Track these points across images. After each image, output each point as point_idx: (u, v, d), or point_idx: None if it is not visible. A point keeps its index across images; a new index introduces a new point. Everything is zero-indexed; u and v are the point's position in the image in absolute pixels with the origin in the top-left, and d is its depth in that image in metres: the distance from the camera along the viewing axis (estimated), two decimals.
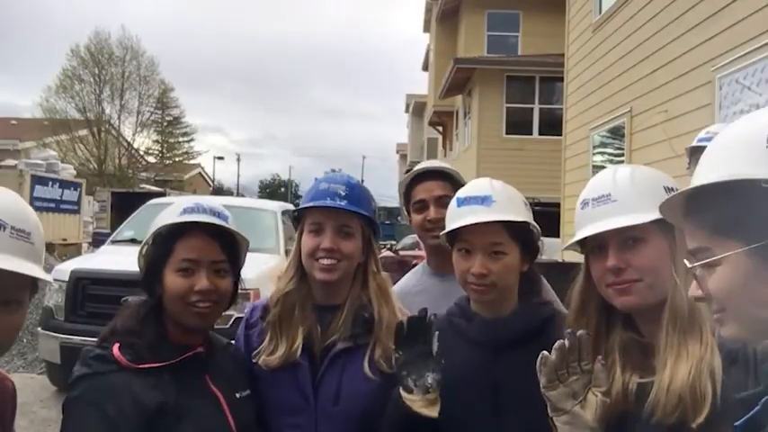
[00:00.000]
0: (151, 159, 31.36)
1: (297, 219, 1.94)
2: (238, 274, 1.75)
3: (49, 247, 13.26)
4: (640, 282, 1.36)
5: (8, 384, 1.47)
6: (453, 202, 1.79)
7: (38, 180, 16.39)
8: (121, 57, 28.08)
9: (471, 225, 1.68)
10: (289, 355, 1.76)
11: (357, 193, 1.87)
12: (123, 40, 28.03)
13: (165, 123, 31.65)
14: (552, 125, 15.24)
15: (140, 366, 1.55)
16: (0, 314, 1.26)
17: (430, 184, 2.34)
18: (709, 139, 3.24)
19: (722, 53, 6.10)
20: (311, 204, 1.84)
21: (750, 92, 5.66)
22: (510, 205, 1.71)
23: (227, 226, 1.66)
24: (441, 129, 24.71)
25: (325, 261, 1.80)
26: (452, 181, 2.33)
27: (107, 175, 26.30)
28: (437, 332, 1.62)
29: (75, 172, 19.61)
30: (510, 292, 1.75)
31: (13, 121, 26.46)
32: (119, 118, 28.31)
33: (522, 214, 1.72)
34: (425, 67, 29.83)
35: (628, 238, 1.37)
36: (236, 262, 1.72)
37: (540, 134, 16.84)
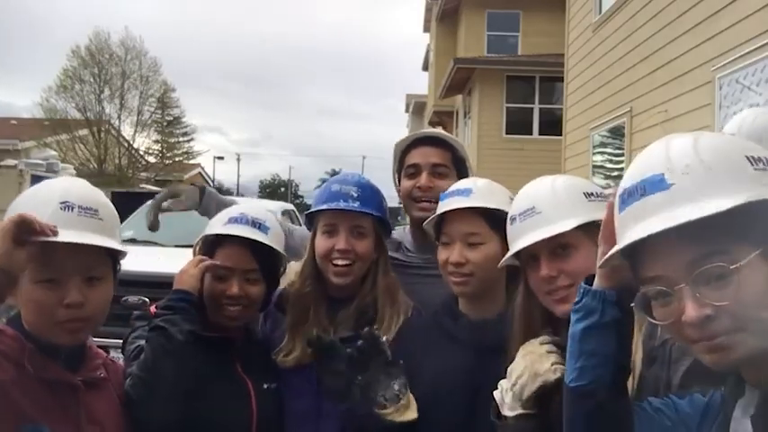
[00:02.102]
0: (151, 159, 31.31)
1: (309, 220, 2.00)
2: (274, 280, 1.90)
3: None
4: (574, 286, 1.37)
5: (119, 367, 1.65)
6: (441, 198, 1.82)
7: (38, 180, 16.30)
8: (122, 56, 28.09)
9: (450, 216, 1.72)
10: (302, 357, 1.83)
11: (369, 193, 1.93)
12: (125, 41, 28.05)
13: (166, 123, 31.64)
14: (552, 125, 15.24)
15: None
16: (88, 289, 1.42)
17: (427, 150, 2.18)
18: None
19: (722, 53, 6.10)
20: (325, 207, 1.88)
21: (750, 92, 5.66)
22: (489, 196, 1.73)
23: (260, 240, 1.80)
24: (441, 129, 24.69)
25: (340, 261, 1.87)
26: (453, 152, 2.20)
27: (107, 175, 26.26)
28: (384, 338, 1.66)
29: (75, 172, 19.58)
30: (494, 288, 1.74)
31: (13, 121, 26.42)
32: (119, 118, 28.31)
33: (503, 205, 1.70)
34: (425, 67, 29.82)
35: (557, 246, 1.42)
36: (270, 269, 1.86)
37: (540, 134, 16.84)
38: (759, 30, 5.56)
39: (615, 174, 8.74)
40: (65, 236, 1.36)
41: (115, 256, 1.54)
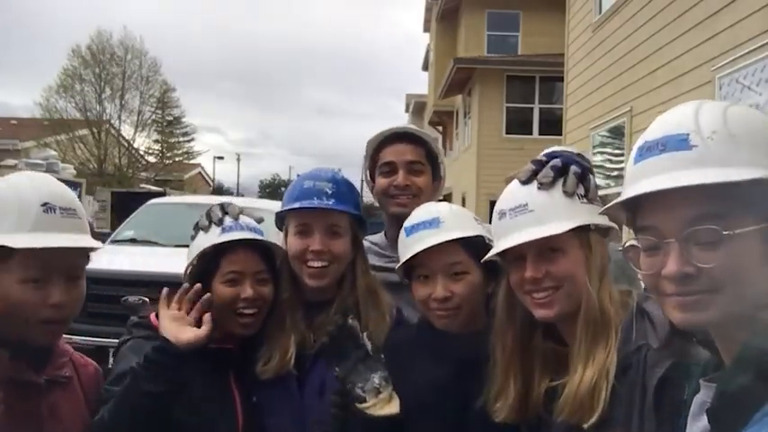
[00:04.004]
0: (151, 159, 31.29)
1: (281, 218, 1.89)
2: (278, 281, 1.83)
3: None
4: (560, 290, 1.38)
5: (91, 369, 1.66)
6: (402, 234, 1.72)
7: None
8: (123, 56, 28.11)
9: (426, 250, 1.62)
10: (282, 365, 1.74)
11: (344, 189, 1.83)
12: (125, 40, 28.08)
13: (166, 123, 31.63)
14: (552, 125, 15.23)
15: None
16: (70, 288, 1.45)
17: (401, 147, 2.12)
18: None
19: (722, 53, 6.10)
20: (297, 206, 1.78)
21: (750, 92, 5.66)
22: (459, 223, 1.67)
23: (264, 240, 1.77)
24: (441, 128, 24.70)
25: (316, 264, 1.77)
26: (426, 148, 2.17)
27: (107, 175, 26.26)
28: (364, 333, 1.61)
29: (75, 172, 19.55)
30: (476, 313, 1.69)
31: (13, 121, 26.42)
32: (119, 118, 28.32)
33: (475, 230, 1.67)
34: (425, 67, 29.81)
35: (545, 248, 1.38)
36: (274, 269, 1.83)
37: (540, 134, 16.83)
38: (759, 30, 5.56)
39: (615, 173, 8.74)
40: (58, 240, 1.41)
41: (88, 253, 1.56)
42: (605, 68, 9.26)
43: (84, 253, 1.51)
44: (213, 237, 1.76)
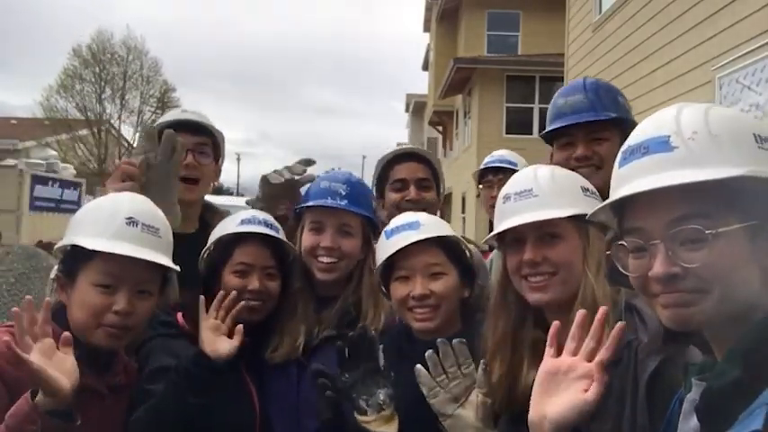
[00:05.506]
0: None
1: (297, 216, 2.00)
2: (287, 277, 1.92)
3: (49, 247, 13.15)
4: (556, 275, 1.40)
5: (134, 366, 1.74)
6: (382, 237, 1.79)
7: (38, 180, 16.35)
8: (124, 56, 28.10)
9: (407, 250, 1.68)
10: (291, 352, 1.83)
11: (357, 191, 1.92)
12: (127, 40, 28.06)
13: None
14: None
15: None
16: (135, 301, 1.56)
17: (413, 165, 2.34)
18: (497, 161, 3.31)
19: (722, 53, 6.10)
20: (312, 204, 1.89)
21: (750, 92, 5.66)
22: (438, 226, 1.75)
23: (277, 236, 1.87)
24: (441, 128, 24.70)
25: (326, 259, 1.86)
26: (432, 168, 2.39)
27: (107, 174, 26.22)
28: (381, 346, 1.61)
29: (75, 171, 19.57)
30: (452, 318, 1.72)
31: (13, 121, 26.39)
32: (119, 118, 28.32)
33: (452, 233, 1.76)
34: (425, 67, 29.81)
35: (545, 233, 1.42)
36: (284, 266, 1.91)
37: (540, 134, 16.84)
38: (759, 30, 5.56)
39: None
40: (124, 248, 1.52)
41: (165, 273, 1.66)
42: (605, 68, 9.25)
43: (156, 270, 1.61)
44: (232, 226, 1.86)
